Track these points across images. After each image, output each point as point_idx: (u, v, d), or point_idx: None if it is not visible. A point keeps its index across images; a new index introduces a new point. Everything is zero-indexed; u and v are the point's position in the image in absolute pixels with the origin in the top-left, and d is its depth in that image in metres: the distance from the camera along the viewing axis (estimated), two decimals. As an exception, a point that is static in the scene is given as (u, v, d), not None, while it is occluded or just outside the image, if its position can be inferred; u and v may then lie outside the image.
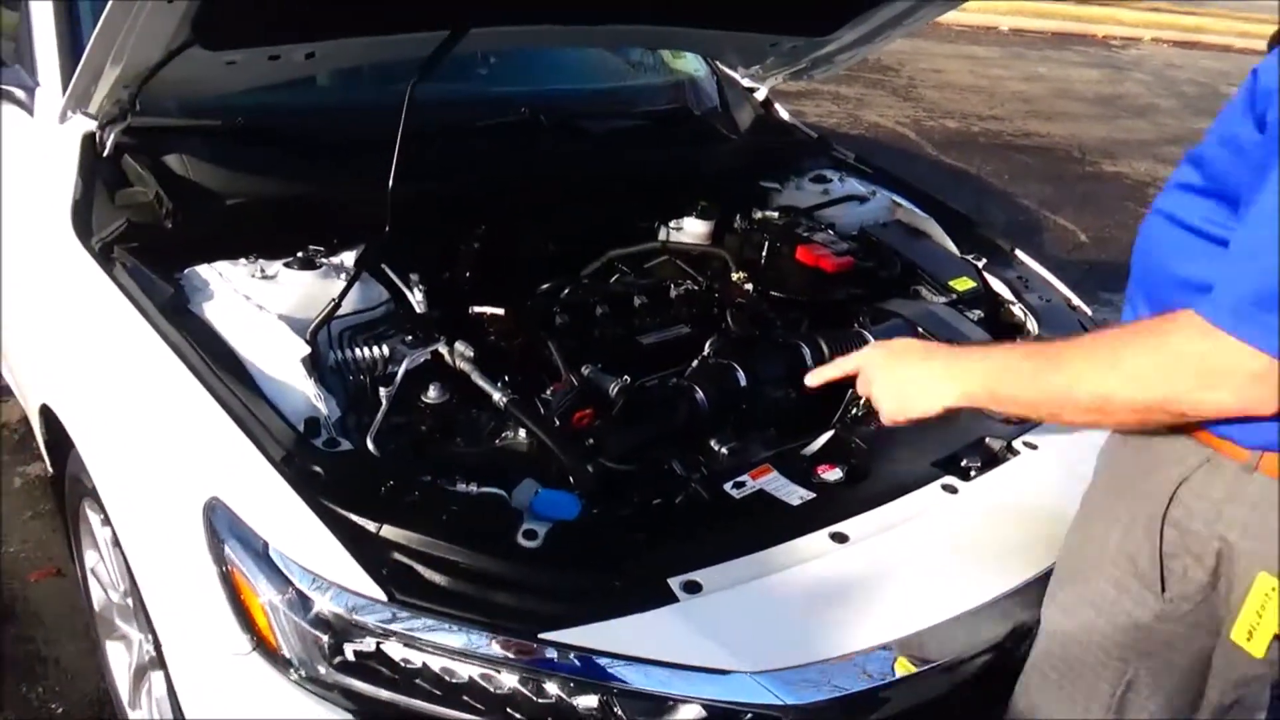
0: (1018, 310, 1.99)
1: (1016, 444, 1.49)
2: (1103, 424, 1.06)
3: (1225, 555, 1.00)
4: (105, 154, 1.64)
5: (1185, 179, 1.01)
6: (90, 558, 1.80)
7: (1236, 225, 0.90)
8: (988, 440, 1.50)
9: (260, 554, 1.18)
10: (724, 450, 1.49)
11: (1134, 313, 1.08)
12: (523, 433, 1.43)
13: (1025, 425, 1.53)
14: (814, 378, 1.34)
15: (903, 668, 1.15)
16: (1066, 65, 9.74)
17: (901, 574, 1.27)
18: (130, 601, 1.60)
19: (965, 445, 1.48)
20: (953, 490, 1.39)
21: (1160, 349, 0.92)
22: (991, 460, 1.46)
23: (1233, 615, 1.00)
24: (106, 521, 1.50)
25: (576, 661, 1.10)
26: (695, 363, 1.65)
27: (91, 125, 1.65)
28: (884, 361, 1.21)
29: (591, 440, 1.46)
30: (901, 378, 1.18)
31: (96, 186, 1.63)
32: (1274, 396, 0.85)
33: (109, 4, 1.33)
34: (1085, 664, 1.14)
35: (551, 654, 1.11)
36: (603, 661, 1.10)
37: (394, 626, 1.12)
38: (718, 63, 2.56)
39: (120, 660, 1.77)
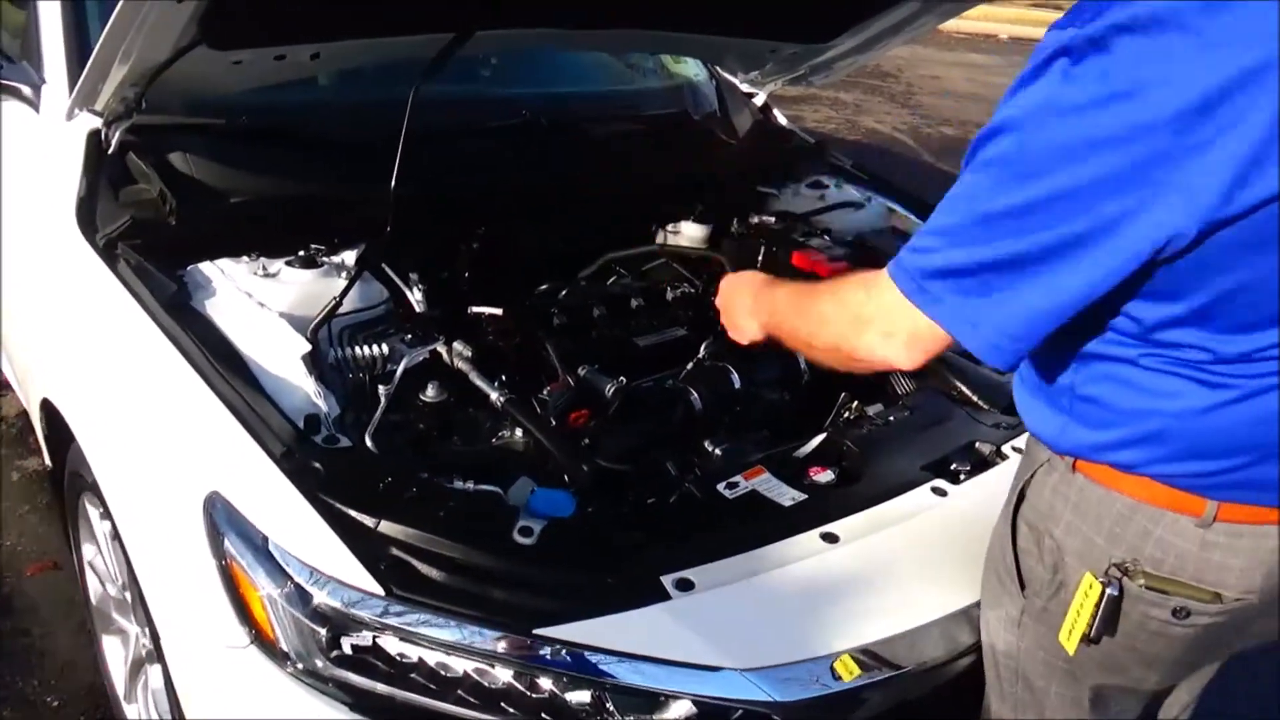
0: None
1: (1005, 449, 1.51)
2: (819, 357, 1.16)
3: (1057, 553, 1.03)
4: (110, 151, 1.66)
5: None
6: (88, 551, 1.82)
7: None
8: (977, 444, 1.52)
9: (260, 548, 1.19)
10: (718, 451, 1.51)
11: None
12: (520, 432, 1.45)
13: (1014, 430, 1.56)
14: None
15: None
16: (1065, 74, 9.78)
17: (891, 574, 1.29)
18: (128, 595, 1.62)
19: (955, 449, 1.51)
20: (942, 493, 1.41)
21: (841, 296, 1.06)
22: (981, 464, 1.48)
23: (1065, 613, 1.03)
24: (106, 515, 1.52)
25: (569, 657, 1.12)
26: (690, 365, 1.67)
27: (97, 123, 1.67)
28: (724, 288, 1.40)
29: (587, 440, 1.48)
30: (731, 306, 1.35)
31: (101, 183, 1.64)
32: (905, 354, 0.97)
33: (120, 3, 1.34)
34: (996, 665, 1.18)
35: (545, 650, 1.13)
36: (595, 658, 1.12)
37: (390, 621, 1.14)
38: (717, 68, 2.58)
39: (116, 654, 1.79)
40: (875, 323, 0.99)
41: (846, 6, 2.14)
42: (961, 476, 1.46)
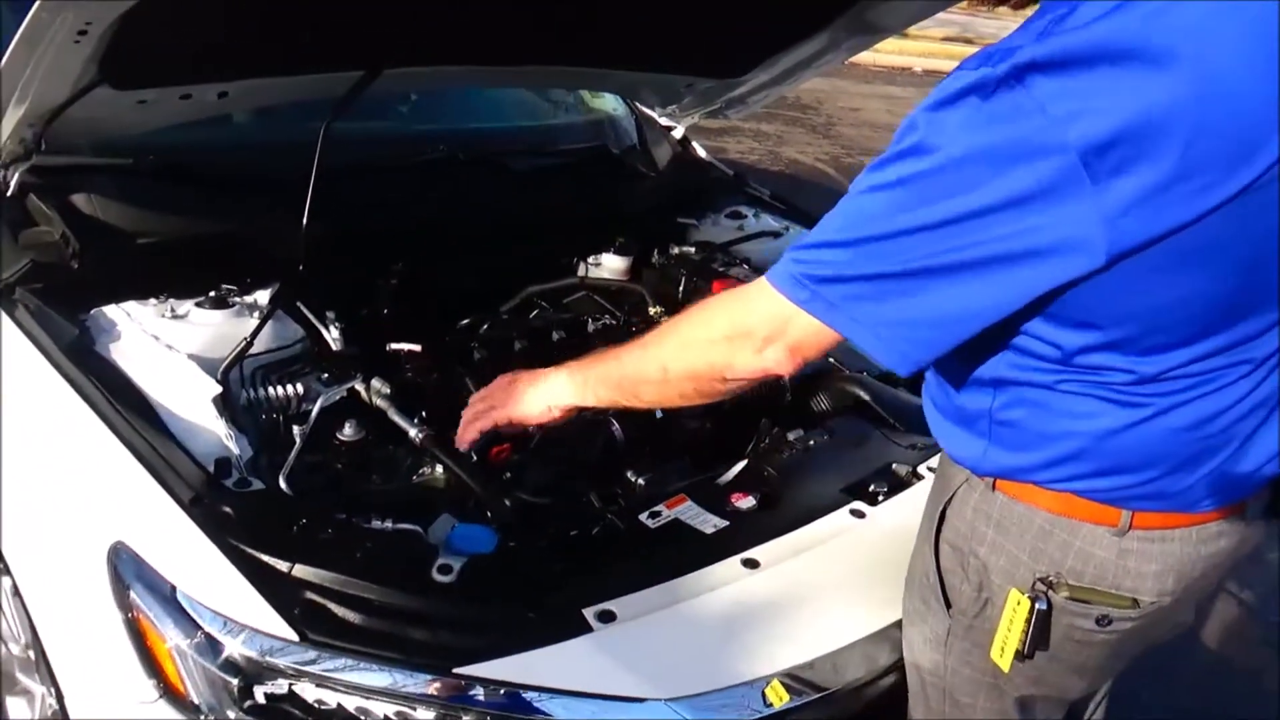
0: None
1: (921, 469, 1.55)
2: (661, 398, 1.18)
3: (983, 572, 1.06)
4: (9, 194, 1.61)
5: None
6: (-11, 609, 1.74)
7: None
8: (894, 466, 1.55)
9: (167, 598, 1.16)
10: (641, 481, 1.51)
11: None
12: (440, 468, 1.44)
13: (930, 451, 1.59)
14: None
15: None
16: (977, 105, 10.15)
17: (811, 597, 1.30)
18: (32, 654, 1.55)
19: (873, 471, 1.53)
20: (860, 515, 1.43)
21: (706, 317, 1.09)
22: (898, 485, 1.51)
23: (993, 631, 1.06)
24: (5, 571, 1.45)
25: (490, 695, 1.10)
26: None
27: (-6, 165, 1.62)
28: (490, 388, 1.40)
29: (509, 474, 1.47)
30: (510, 392, 1.35)
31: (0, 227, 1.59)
32: (787, 361, 1.00)
33: (12, 43, 1.31)
34: (924, 685, 1.20)
35: (468, 688, 1.11)
36: (516, 694, 1.11)
37: (307, 667, 1.11)
38: (635, 102, 2.62)
39: (22, 716, 1.70)
40: (755, 332, 1.00)
41: (758, 41, 2.20)
42: (880, 498, 1.48)
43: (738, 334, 1.03)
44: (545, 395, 1.30)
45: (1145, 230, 0.81)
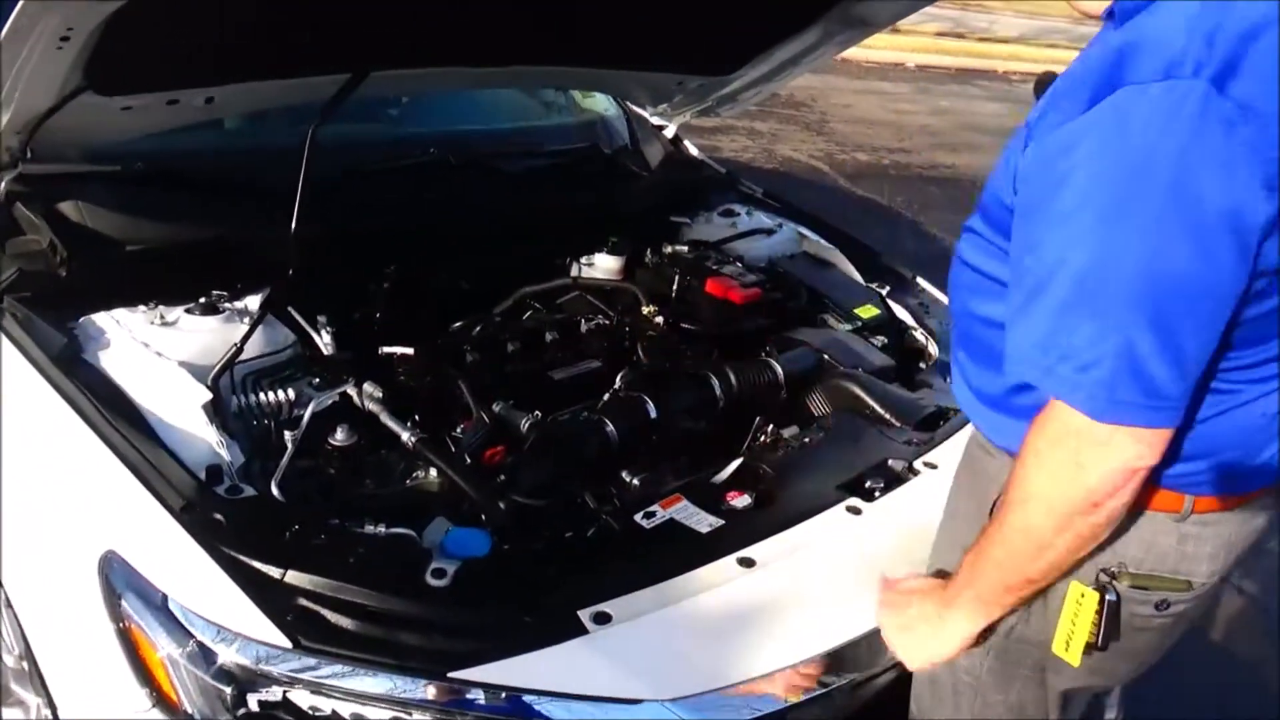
0: (920, 335, 2.06)
1: (917, 464, 1.54)
2: (1053, 565, 0.97)
3: None
4: (-4, 202, 1.60)
5: (974, 225, 1.07)
6: (-17, 621, 1.73)
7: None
8: (890, 461, 1.54)
9: (159, 607, 1.15)
10: (635, 481, 1.51)
11: (957, 345, 1.14)
12: (434, 472, 1.43)
13: (925, 445, 1.59)
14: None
15: (789, 693, 1.16)
16: (971, 99, 10.13)
17: (808, 595, 1.30)
18: (26, 665, 1.54)
19: (869, 467, 1.53)
20: (857, 511, 1.43)
21: (1033, 463, 0.93)
22: (894, 480, 1.51)
23: (1052, 626, 1.04)
24: (-1, 582, 1.45)
25: (485, 699, 1.10)
26: (607, 396, 1.67)
27: (-20, 173, 1.61)
28: (889, 603, 1.16)
29: (503, 476, 1.46)
30: (914, 634, 1.12)
31: (-14, 235, 1.58)
32: (1136, 450, 0.88)
33: (-5, 50, 1.30)
34: (952, 681, 1.18)
35: (464, 692, 1.11)
36: (512, 697, 1.10)
37: (300, 674, 1.10)
38: (627, 102, 2.61)
39: (18, 727, 1.69)
40: (1091, 457, 0.89)
41: (748, 38, 2.19)
42: (876, 494, 1.48)
43: (1079, 469, 0.90)
44: (949, 639, 1.08)
45: None
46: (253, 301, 1.56)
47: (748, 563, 1.30)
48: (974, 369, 1.10)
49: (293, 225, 1.49)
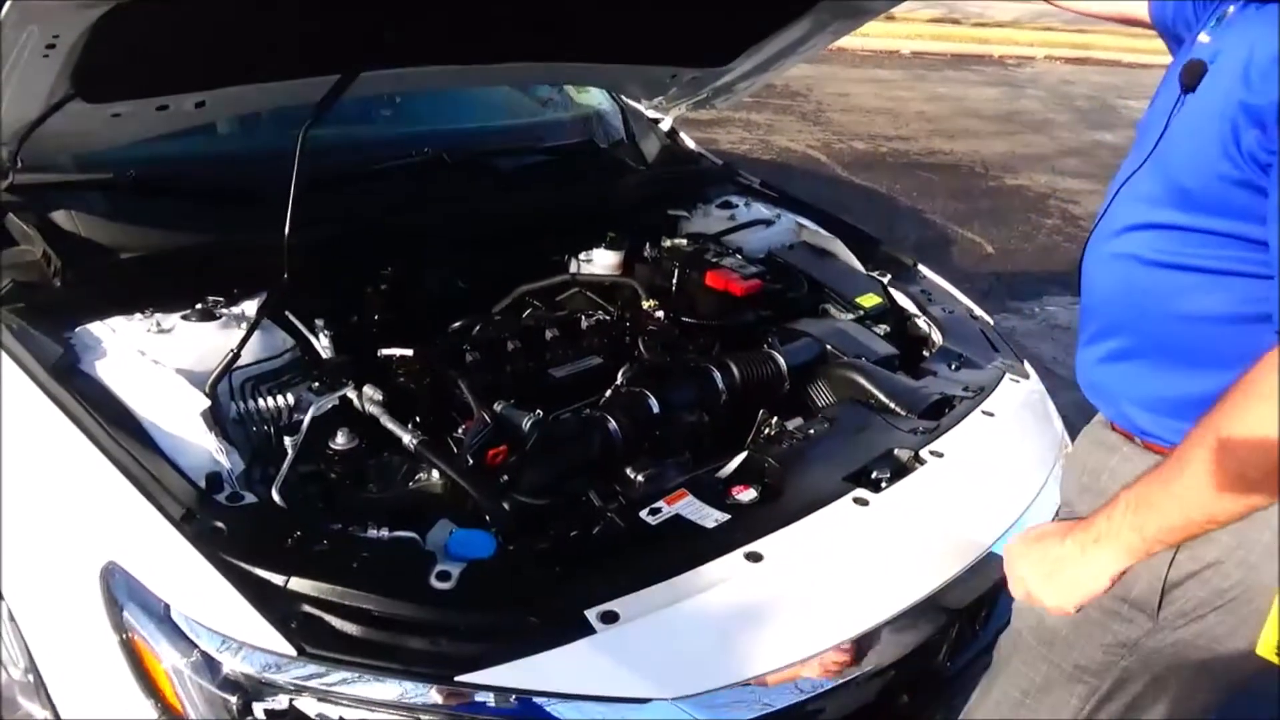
0: (922, 323, 2.05)
1: (923, 453, 1.53)
2: (1244, 505, 0.93)
3: (1242, 576, 1.04)
4: (-13, 214, 1.59)
5: (1165, 219, 1.04)
6: (-12, 635, 1.72)
7: None
8: (896, 451, 1.53)
9: (162, 617, 1.14)
10: (640, 478, 1.49)
11: (1126, 357, 1.12)
12: (436, 474, 1.42)
13: (931, 435, 1.57)
14: None
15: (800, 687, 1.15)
16: (966, 85, 10.09)
17: (816, 589, 1.28)
18: (31, 678, 1.53)
19: (875, 458, 1.51)
20: (864, 503, 1.41)
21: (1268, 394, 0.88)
22: (900, 471, 1.49)
23: (1249, 629, 1.03)
24: (0, 596, 1.44)
25: (493, 702, 1.09)
26: (609, 393, 1.66)
27: (-30, 185, 1.60)
28: (1024, 553, 1.11)
29: (506, 476, 1.45)
30: (1050, 568, 1.07)
31: (-23, 247, 1.57)
32: None
33: (-20, 60, 1.29)
34: (1061, 671, 1.17)
35: (471, 696, 1.10)
36: (521, 699, 1.09)
37: (306, 682, 1.10)
38: (622, 96, 2.60)
39: (25, 740, 1.69)
40: None
41: (740, 29, 2.17)
42: (882, 485, 1.46)
43: None
44: (1096, 576, 1.04)
45: None
46: (249, 306, 1.54)
47: (755, 557, 1.28)
48: (1161, 377, 1.07)
49: (286, 228, 1.47)
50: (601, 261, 2.08)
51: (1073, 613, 1.07)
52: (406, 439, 1.43)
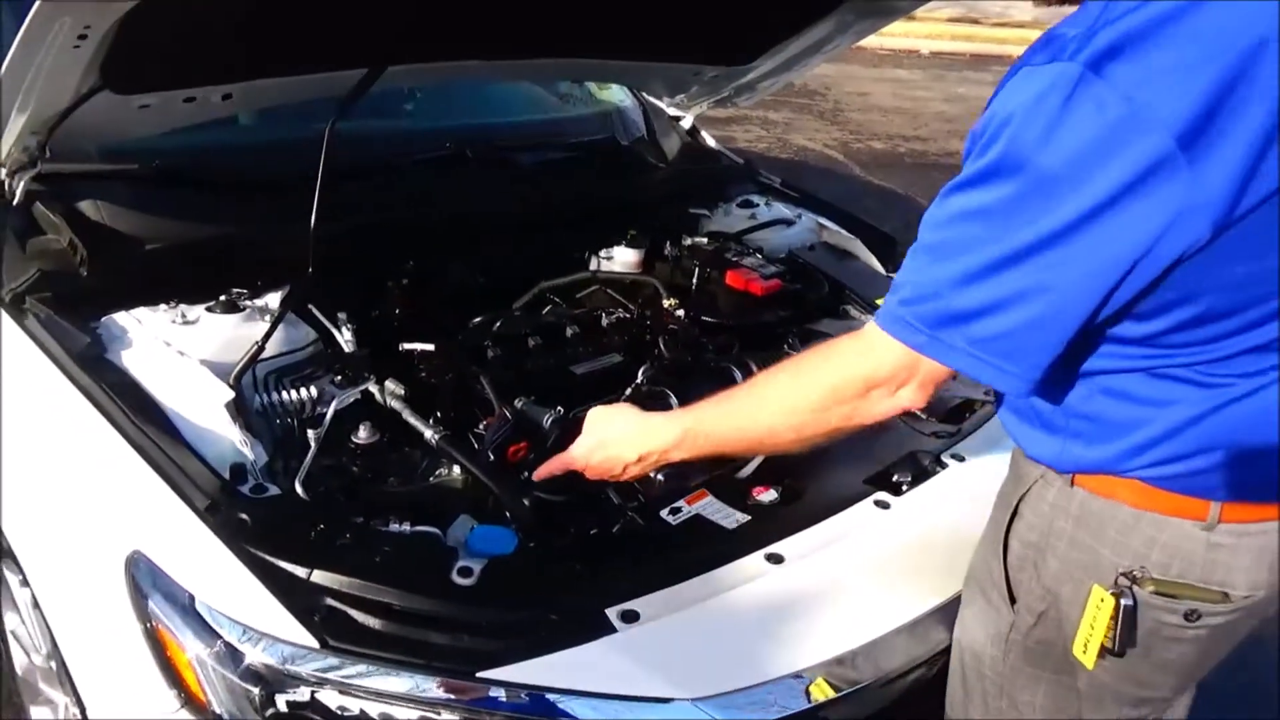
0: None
1: (944, 457, 1.52)
2: (788, 437, 1.10)
3: (1060, 568, 1.03)
4: (15, 202, 1.60)
5: None
6: (10, 620, 1.73)
7: None
8: (917, 455, 1.53)
9: (186, 607, 1.15)
10: (660, 477, 1.48)
11: None
12: (457, 469, 1.42)
13: (952, 439, 1.57)
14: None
15: (819, 691, 1.16)
16: (985, 85, 10.05)
17: (837, 592, 1.28)
18: (53, 664, 1.54)
19: (896, 460, 1.51)
20: (885, 506, 1.41)
21: (835, 352, 1.05)
22: (921, 474, 1.49)
23: (1073, 628, 1.03)
24: (25, 583, 1.45)
25: (516, 699, 1.09)
26: (629, 390, 1.66)
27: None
28: (595, 415, 1.30)
29: (526, 473, 1.45)
30: (612, 425, 1.26)
31: (6, 236, 1.58)
32: (919, 395, 0.99)
33: (12, 49, 1.30)
34: (980, 679, 1.17)
35: (491, 692, 1.10)
36: (541, 696, 1.09)
37: (328, 674, 1.10)
38: (643, 93, 2.59)
39: (46, 725, 1.70)
40: (884, 380, 0.99)
41: (765, 28, 2.17)
42: (903, 488, 1.46)
43: (866, 382, 1.01)
44: (643, 439, 1.22)
45: (1245, 200, 0.80)
46: (272, 299, 1.55)
47: (776, 559, 1.28)
48: None
49: (313, 221, 1.48)
50: (622, 259, 2.08)
51: (588, 469, 1.27)
52: (428, 434, 1.44)
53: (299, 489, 1.28)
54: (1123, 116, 0.78)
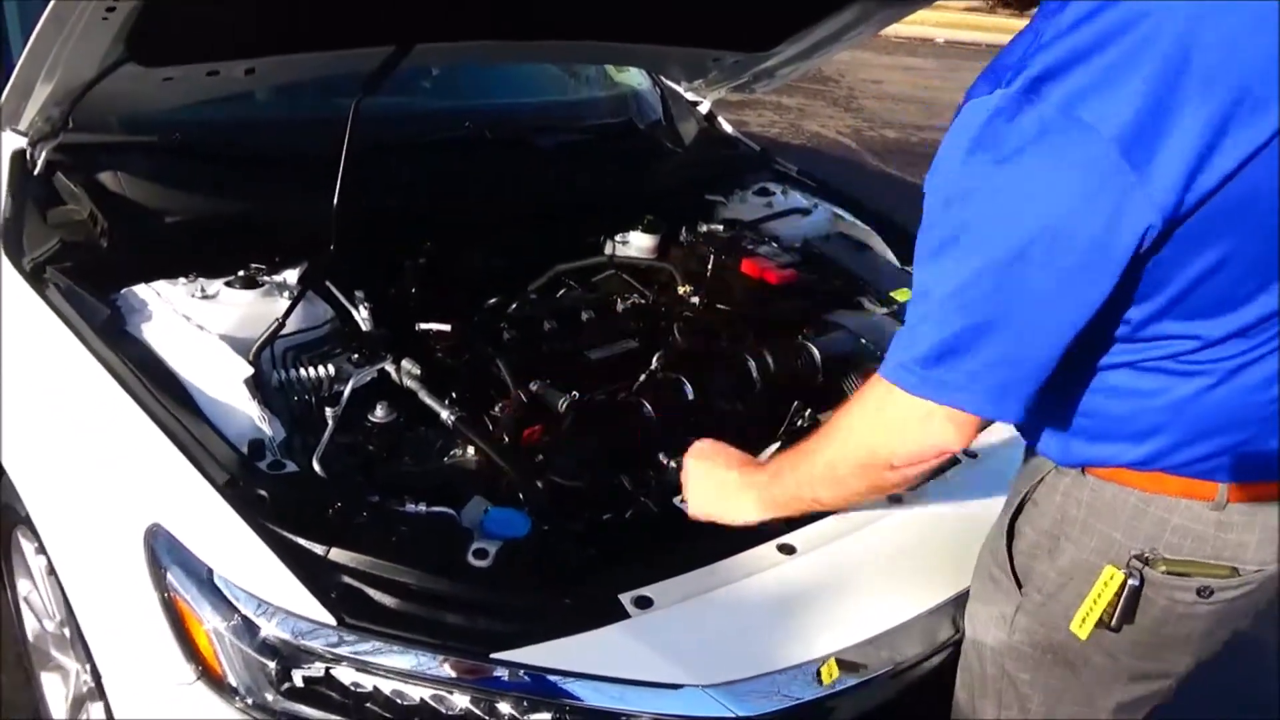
0: (957, 320, 2.03)
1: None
2: (841, 496, 1.10)
3: (1074, 553, 1.05)
4: (36, 172, 1.60)
5: None
6: (23, 586, 1.75)
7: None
8: (930, 449, 1.53)
9: (204, 580, 1.16)
10: (673, 464, 1.50)
11: None
12: (472, 450, 1.43)
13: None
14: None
15: (829, 672, 1.17)
16: (1000, 76, 10.01)
17: (848, 583, 1.29)
18: (66, 631, 1.56)
19: (908, 454, 1.51)
20: (897, 499, 1.42)
21: (858, 411, 1.03)
22: (934, 469, 1.49)
23: (1069, 608, 1.05)
24: (41, 550, 1.46)
25: (528, 679, 1.10)
26: (643, 377, 1.66)
27: (22, 142, 1.61)
28: (697, 468, 1.28)
29: (541, 456, 1.46)
30: (710, 485, 1.25)
31: (27, 205, 1.58)
32: (950, 432, 0.95)
33: (41, 20, 1.30)
34: (988, 666, 1.18)
35: (503, 673, 1.11)
36: (554, 679, 1.10)
37: (343, 651, 1.11)
38: (661, 77, 2.58)
39: (57, 691, 1.72)
40: (906, 428, 0.97)
41: (787, 15, 2.15)
42: (915, 481, 1.46)
43: (892, 432, 0.99)
44: (735, 515, 1.22)
45: (1193, 191, 0.82)
46: (291, 275, 1.55)
47: (788, 549, 1.29)
48: None
49: (335, 199, 1.48)
50: (638, 244, 2.08)
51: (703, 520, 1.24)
52: (444, 414, 1.44)
53: (316, 466, 1.29)
54: (1065, 133, 0.82)
